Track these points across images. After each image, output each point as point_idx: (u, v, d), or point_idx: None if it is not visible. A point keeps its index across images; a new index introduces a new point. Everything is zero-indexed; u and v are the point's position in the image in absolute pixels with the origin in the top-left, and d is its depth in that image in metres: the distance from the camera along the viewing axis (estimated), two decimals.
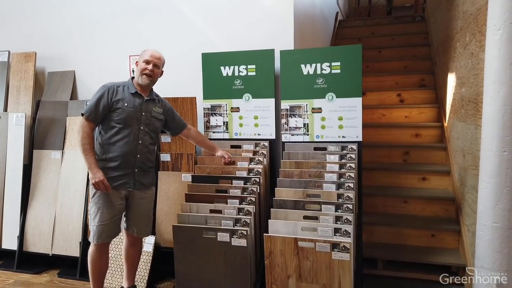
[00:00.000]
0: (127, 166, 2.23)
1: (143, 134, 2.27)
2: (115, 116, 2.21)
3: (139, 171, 2.27)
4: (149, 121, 2.30)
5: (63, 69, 3.32)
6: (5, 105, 3.29)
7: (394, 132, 3.83)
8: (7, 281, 2.84)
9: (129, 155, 2.22)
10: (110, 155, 2.20)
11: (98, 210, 2.20)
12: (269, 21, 2.81)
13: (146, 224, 2.40)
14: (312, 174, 2.44)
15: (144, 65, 2.27)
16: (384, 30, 5.40)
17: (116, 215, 2.25)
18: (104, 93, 2.21)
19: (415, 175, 3.40)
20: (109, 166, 2.19)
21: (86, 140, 2.15)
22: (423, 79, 4.32)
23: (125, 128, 2.22)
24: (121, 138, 2.21)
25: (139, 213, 2.34)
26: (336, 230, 2.08)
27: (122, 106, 2.21)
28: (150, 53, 2.30)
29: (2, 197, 3.14)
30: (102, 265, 2.32)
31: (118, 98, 2.22)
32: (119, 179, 2.21)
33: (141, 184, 2.29)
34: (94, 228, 2.21)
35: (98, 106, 2.18)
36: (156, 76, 2.33)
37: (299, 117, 2.65)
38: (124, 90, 2.27)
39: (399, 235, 3.02)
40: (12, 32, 3.48)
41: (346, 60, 2.53)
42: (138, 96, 2.29)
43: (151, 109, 2.33)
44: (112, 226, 2.24)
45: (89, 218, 2.25)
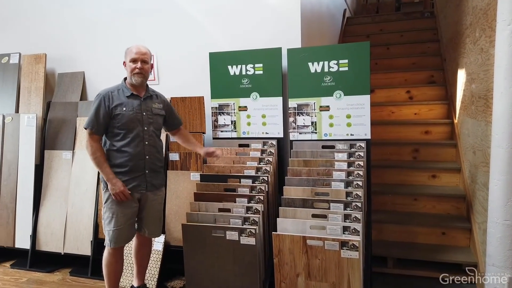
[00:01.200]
0: (138, 169, 2.23)
1: (148, 134, 2.26)
2: (116, 122, 2.19)
3: (150, 172, 2.28)
4: (151, 120, 2.29)
5: (73, 70, 3.35)
6: (16, 107, 3.34)
7: (403, 130, 3.80)
8: (20, 279, 2.89)
9: (137, 158, 2.23)
10: (119, 161, 2.20)
11: (113, 215, 2.20)
12: (276, 19, 2.81)
13: (158, 224, 2.42)
14: (321, 173, 2.43)
15: (132, 64, 2.21)
16: (392, 27, 5.35)
17: (131, 218, 2.27)
18: (100, 102, 2.18)
19: (425, 172, 3.37)
20: (120, 171, 2.20)
21: (97, 153, 2.16)
22: (433, 76, 4.27)
23: (129, 132, 2.21)
24: (127, 143, 2.20)
25: (151, 214, 2.35)
26: (345, 229, 2.08)
27: (121, 112, 2.19)
28: (135, 50, 2.22)
29: (15, 197, 3.19)
30: (118, 268, 2.33)
31: (115, 104, 2.19)
32: (131, 182, 2.22)
33: (152, 186, 2.31)
34: (110, 233, 2.21)
35: (98, 117, 2.16)
36: (147, 72, 2.28)
37: (307, 115, 2.65)
38: (120, 94, 2.23)
39: (409, 233, 3.00)
40: (22, 34, 3.53)
41: (354, 58, 2.52)
42: (135, 97, 2.26)
43: (151, 107, 2.30)
44: (127, 230, 2.26)
45: (104, 223, 2.25)
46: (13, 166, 3.22)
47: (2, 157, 3.26)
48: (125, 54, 2.27)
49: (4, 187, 3.22)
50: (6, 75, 3.40)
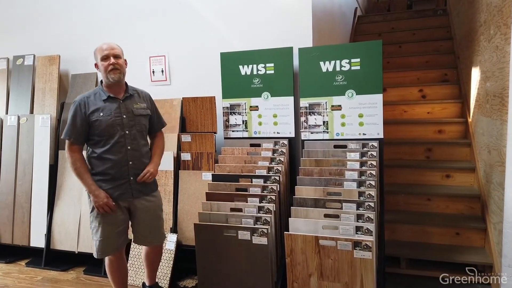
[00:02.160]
0: (121, 176, 2.11)
1: (130, 138, 2.13)
2: (95, 130, 2.07)
3: (135, 179, 2.15)
4: (133, 122, 2.15)
5: (86, 71, 3.39)
6: (31, 107, 3.39)
7: (416, 129, 3.76)
8: (35, 278, 2.94)
9: (120, 164, 2.10)
10: (101, 168, 2.09)
11: (99, 225, 2.11)
12: (288, 18, 2.80)
13: (157, 231, 2.30)
14: (333, 172, 2.42)
15: (105, 63, 2.07)
16: (404, 25, 5.30)
17: (119, 227, 2.16)
18: (76, 110, 2.07)
19: (438, 172, 3.33)
20: (102, 179, 2.10)
21: (77, 163, 2.07)
22: (446, 74, 4.22)
23: (110, 138, 2.08)
24: (108, 150, 2.08)
25: (146, 222, 2.23)
26: (358, 229, 2.06)
27: (98, 117, 2.07)
28: (102, 48, 2.09)
29: (30, 197, 3.24)
30: (121, 274, 2.29)
31: (92, 110, 2.08)
32: (115, 191, 2.11)
33: (139, 192, 2.17)
34: (96, 243, 2.13)
35: (76, 125, 2.06)
36: (123, 66, 2.12)
37: (319, 114, 2.64)
38: (96, 98, 2.11)
39: (422, 233, 2.97)
40: (36, 36, 3.58)
41: (366, 56, 2.50)
42: (112, 100, 2.12)
43: (131, 108, 2.16)
44: (115, 240, 2.16)
45: (91, 232, 2.17)
46: (28, 166, 3.27)
47: (18, 157, 3.31)
48: (94, 55, 2.14)
49: (19, 186, 3.28)
50: (21, 77, 3.46)
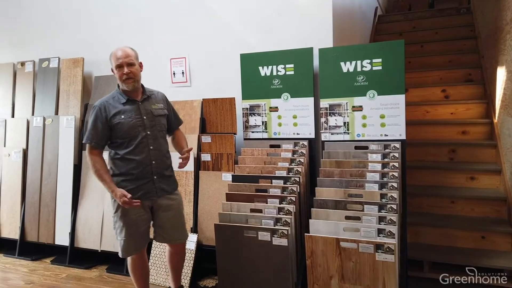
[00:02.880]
0: (145, 175, 2.15)
1: (152, 139, 2.17)
2: (117, 132, 2.12)
3: (158, 178, 2.20)
4: (153, 122, 2.19)
5: (108, 73, 3.45)
6: (56, 109, 3.48)
7: (439, 130, 3.68)
8: (60, 275, 3.01)
9: (144, 164, 2.14)
10: (125, 169, 2.13)
11: (124, 225, 2.16)
12: (307, 19, 2.79)
13: (180, 228, 2.33)
14: (354, 174, 2.39)
15: (119, 71, 2.11)
16: (426, 24, 5.19)
17: (142, 226, 2.21)
18: (97, 114, 2.11)
19: (462, 174, 3.25)
20: (127, 179, 2.14)
21: (97, 166, 2.10)
22: (470, 74, 4.12)
23: (133, 140, 2.12)
24: (131, 151, 2.12)
25: (170, 219, 2.27)
26: (380, 231, 2.04)
27: (120, 120, 2.11)
28: (116, 56, 2.11)
29: (55, 196, 3.32)
30: (143, 272, 2.33)
31: (113, 114, 2.11)
32: (139, 190, 2.15)
33: (163, 191, 2.22)
34: (121, 243, 2.18)
35: (97, 129, 2.11)
36: (137, 74, 2.15)
37: (339, 115, 2.62)
38: (115, 102, 2.15)
39: (446, 236, 2.91)
40: (61, 39, 3.67)
41: (388, 56, 2.46)
42: (131, 103, 2.17)
43: (150, 109, 2.20)
44: (138, 239, 2.21)
45: (115, 232, 2.21)
46: (53, 166, 3.36)
47: (43, 157, 3.40)
48: (110, 60, 2.16)
49: (44, 186, 3.37)
50: (47, 79, 3.55)
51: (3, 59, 3.87)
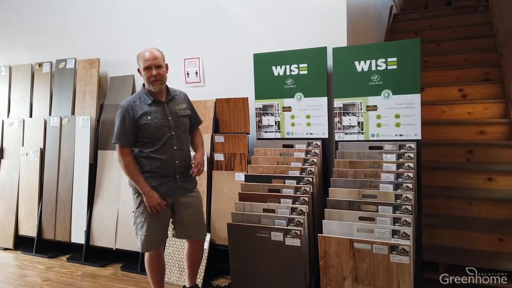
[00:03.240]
0: (169, 174, 2.21)
1: (176, 139, 2.22)
2: (144, 133, 2.17)
3: (181, 176, 2.25)
4: (177, 123, 2.25)
5: (124, 74, 3.50)
6: (72, 109, 3.54)
7: (456, 130, 3.61)
8: (76, 272, 3.06)
9: (168, 164, 2.20)
10: (149, 167, 2.19)
11: (145, 220, 2.20)
12: (321, 18, 2.77)
13: (200, 225, 2.38)
14: (368, 174, 2.37)
15: (147, 73, 2.16)
16: (443, 22, 5.10)
17: (163, 223, 2.26)
18: (125, 115, 2.17)
19: (480, 175, 3.18)
20: (151, 177, 2.18)
21: (130, 166, 2.16)
22: (488, 73, 4.03)
23: (158, 139, 2.18)
24: (157, 150, 2.18)
25: (189, 216, 2.31)
26: (394, 232, 2.01)
27: (146, 121, 2.16)
28: (145, 58, 2.17)
29: (71, 194, 3.38)
30: (160, 268, 2.36)
31: (140, 114, 2.16)
32: (162, 187, 2.20)
33: (184, 189, 2.27)
34: (142, 238, 2.22)
35: (125, 129, 2.16)
36: (164, 76, 2.21)
37: (353, 115, 2.59)
38: (141, 103, 2.20)
39: (463, 238, 2.85)
40: (78, 40, 3.74)
41: (403, 55, 2.43)
42: (157, 104, 2.22)
43: (175, 110, 2.26)
44: (159, 235, 2.26)
45: (135, 228, 2.26)
46: (69, 165, 3.41)
47: (60, 156, 3.46)
48: (137, 61, 2.22)
49: (61, 185, 3.43)
50: (63, 79, 3.62)
51: (22, 60, 3.96)
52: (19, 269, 3.16)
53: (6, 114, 3.88)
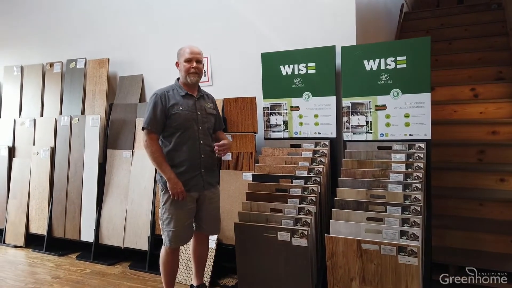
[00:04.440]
0: (194, 168, 2.25)
1: (202, 134, 2.28)
2: (172, 122, 2.21)
3: (206, 171, 2.30)
4: (205, 119, 2.32)
5: (133, 74, 3.52)
6: (82, 108, 3.57)
7: (468, 130, 3.56)
8: (85, 270, 3.09)
9: (194, 157, 2.25)
10: (176, 161, 2.23)
11: (172, 216, 2.23)
12: (330, 17, 2.75)
13: (217, 222, 2.44)
14: (376, 174, 2.34)
15: (187, 64, 2.24)
16: (455, 21, 5.03)
17: (189, 218, 2.29)
18: (157, 101, 2.21)
19: (492, 175, 3.13)
20: (178, 171, 2.21)
21: (157, 153, 2.19)
22: (501, 72, 3.95)
23: (186, 132, 2.23)
24: (184, 142, 2.23)
25: (210, 212, 2.37)
26: (403, 233, 1.98)
27: (177, 111, 2.21)
28: (189, 50, 2.26)
29: (81, 193, 3.41)
30: (175, 266, 2.37)
31: (172, 104, 2.22)
32: (189, 182, 2.24)
33: (209, 184, 2.33)
34: (169, 234, 2.23)
35: (156, 116, 2.19)
36: (201, 71, 2.31)
37: (362, 115, 2.56)
38: (175, 94, 2.26)
39: (473, 240, 2.80)
40: (88, 40, 3.77)
41: (413, 54, 2.39)
42: (189, 97, 2.29)
43: (204, 107, 2.33)
44: (186, 230, 2.28)
45: (162, 224, 2.27)
46: (79, 164, 3.45)
47: (70, 155, 3.50)
48: (178, 54, 2.31)
49: (71, 183, 3.46)
50: (74, 79, 3.65)
51: (33, 60, 4.01)
52: (29, 267, 3.20)
53: (18, 113, 3.94)
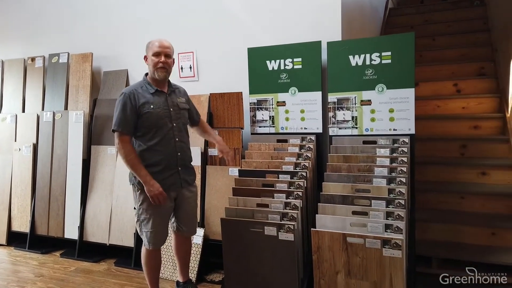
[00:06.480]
0: (171, 166, 2.19)
1: (177, 130, 2.22)
2: (145, 122, 2.12)
3: (182, 169, 2.25)
4: (179, 115, 2.24)
5: (117, 68, 3.47)
6: (65, 104, 3.51)
7: (450, 124, 3.63)
8: (69, 268, 3.05)
9: (170, 155, 2.18)
10: (152, 160, 2.15)
11: (151, 216, 2.17)
12: (316, 12, 2.76)
13: (194, 221, 2.41)
14: (361, 169, 2.36)
15: (155, 59, 2.14)
16: (438, 17, 5.10)
17: (167, 218, 2.26)
18: (126, 101, 2.11)
19: (473, 169, 3.20)
20: (154, 171, 2.14)
21: (131, 155, 2.09)
22: (483, 68, 4.03)
23: (159, 130, 2.15)
24: (159, 141, 2.15)
25: (188, 212, 2.33)
26: (387, 226, 2.01)
27: (149, 110, 2.12)
28: (158, 43, 2.15)
29: (64, 190, 3.36)
30: (157, 264, 2.34)
31: (142, 102, 2.12)
32: (166, 181, 2.17)
33: (186, 182, 2.27)
34: (148, 234, 2.18)
35: (126, 116, 2.10)
36: (170, 66, 2.21)
37: (347, 110, 2.58)
38: (144, 91, 2.16)
39: (455, 232, 2.86)
40: (71, 34, 3.70)
41: (398, 50, 2.42)
42: (160, 94, 2.20)
43: (177, 102, 2.25)
44: (164, 230, 2.25)
45: (140, 225, 2.21)
46: (62, 161, 3.39)
47: (53, 152, 3.44)
48: (147, 48, 2.20)
49: (54, 180, 3.41)
50: (56, 74, 3.58)
51: (14, 55, 3.91)
52: (12, 265, 3.14)
53: None
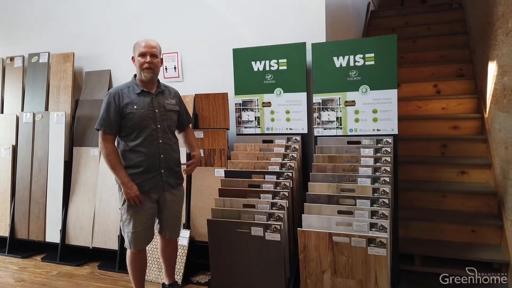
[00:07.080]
0: (153, 169, 2.17)
1: (161, 132, 2.19)
2: (128, 122, 2.12)
3: (166, 171, 2.21)
4: (165, 116, 2.21)
5: (100, 69, 3.42)
6: (46, 104, 3.43)
7: (431, 125, 3.70)
8: (51, 272, 2.98)
9: (152, 157, 2.16)
10: (133, 161, 2.14)
11: (131, 217, 2.15)
12: (300, 14, 2.78)
13: (177, 226, 2.38)
14: (346, 169, 2.40)
15: (141, 59, 2.13)
16: (418, 19, 5.21)
17: (149, 219, 2.22)
18: (111, 101, 2.11)
19: (453, 168, 3.28)
20: (135, 172, 2.13)
21: (112, 155, 2.09)
22: (461, 69, 4.14)
23: (142, 131, 2.13)
24: (141, 142, 2.13)
25: (170, 216, 2.31)
26: (372, 225, 2.05)
27: (132, 110, 2.11)
28: (144, 44, 2.14)
29: (45, 193, 3.29)
30: (142, 266, 2.32)
31: (126, 103, 2.12)
32: (147, 183, 2.16)
33: (169, 185, 2.24)
34: (129, 235, 2.17)
35: (110, 116, 2.09)
36: (157, 66, 2.19)
37: (332, 110, 2.62)
38: (130, 91, 2.16)
39: (437, 230, 2.93)
40: (51, 33, 3.62)
41: (381, 51, 2.46)
42: (146, 94, 2.18)
43: (163, 103, 2.22)
44: (146, 231, 2.21)
45: (122, 225, 2.21)
46: (43, 163, 3.32)
47: (33, 153, 3.36)
48: (134, 48, 2.20)
49: (35, 183, 3.33)
50: (36, 74, 3.50)
51: None
52: None
53: None
